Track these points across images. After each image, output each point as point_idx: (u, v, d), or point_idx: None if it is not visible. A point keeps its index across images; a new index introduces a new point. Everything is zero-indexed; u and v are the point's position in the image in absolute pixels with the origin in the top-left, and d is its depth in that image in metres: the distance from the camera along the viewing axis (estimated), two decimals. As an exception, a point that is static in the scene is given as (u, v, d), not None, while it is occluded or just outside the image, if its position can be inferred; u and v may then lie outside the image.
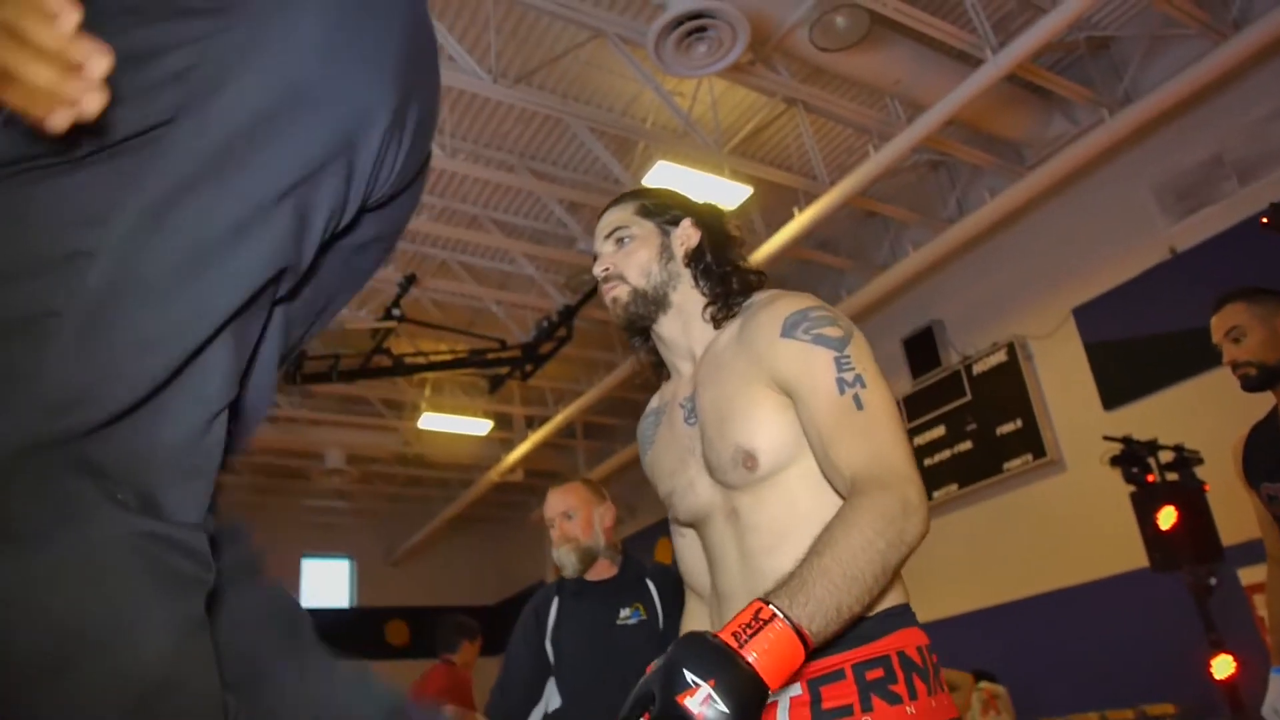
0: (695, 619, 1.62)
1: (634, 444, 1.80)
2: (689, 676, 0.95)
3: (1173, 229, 6.27)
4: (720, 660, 0.98)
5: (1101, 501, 5.96)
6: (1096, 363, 6.61)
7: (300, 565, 13.94)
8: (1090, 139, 6.02)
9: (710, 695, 0.94)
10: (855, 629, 1.24)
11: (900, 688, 1.24)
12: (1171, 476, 4.85)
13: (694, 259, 1.55)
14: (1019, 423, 7.04)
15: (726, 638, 1.01)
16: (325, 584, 14.44)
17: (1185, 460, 4.87)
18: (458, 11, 5.87)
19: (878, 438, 1.28)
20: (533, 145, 7.19)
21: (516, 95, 6.04)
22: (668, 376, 1.65)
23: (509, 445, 10.97)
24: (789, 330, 1.38)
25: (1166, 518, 4.59)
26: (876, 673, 1.24)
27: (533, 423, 10.73)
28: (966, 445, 7.44)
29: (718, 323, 1.52)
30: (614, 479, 10.10)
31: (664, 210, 1.59)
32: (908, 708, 1.22)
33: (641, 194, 1.63)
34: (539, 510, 4.58)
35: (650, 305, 1.54)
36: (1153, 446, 4.92)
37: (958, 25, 5.58)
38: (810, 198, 6.86)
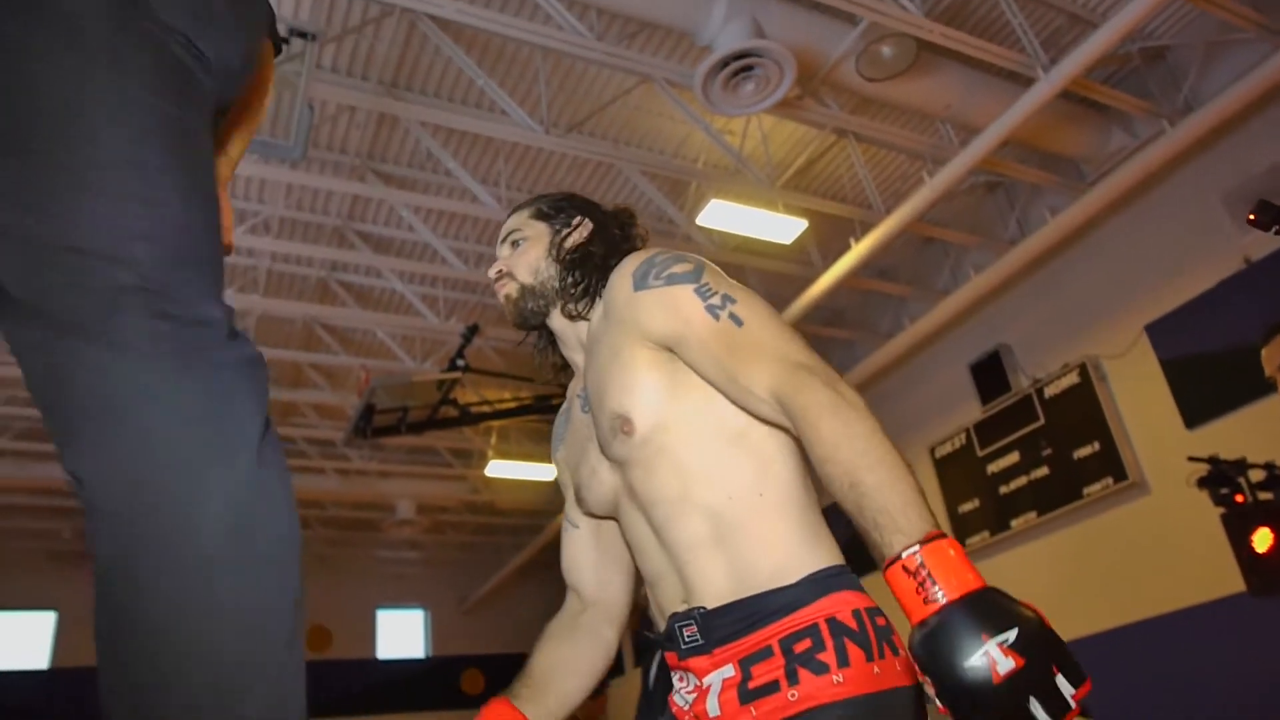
0: (564, 619, 1.63)
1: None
2: (973, 663, 0.88)
3: (1245, 237, 6.06)
4: (957, 621, 0.90)
5: (1189, 525, 5.73)
6: (1174, 380, 6.39)
7: (375, 617, 14.10)
8: (1152, 151, 5.89)
9: (998, 643, 0.88)
10: (783, 597, 1.20)
11: (828, 655, 1.15)
12: (1264, 496, 4.65)
13: (575, 252, 1.54)
14: (1096, 445, 6.82)
15: (927, 609, 0.93)
16: (400, 635, 14.55)
17: (1277, 479, 4.67)
18: (508, 66, 6.02)
19: (770, 344, 1.23)
20: (586, 191, 7.27)
21: (568, 144, 6.15)
22: (571, 376, 1.64)
23: (576, 489, 10.97)
24: (640, 282, 1.35)
25: (1262, 540, 4.39)
26: (804, 644, 1.17)
27: (598, 466, 10.72)
28: (1043, 471, 7.24)
29: (573, 316, 1.52)
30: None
31: (558, 211, 1.59)
32: (834, 675, 1.14)
33: (540, 199, 1.63)
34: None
35: (538, 299, 1.54)
36: (1241, 466, 4.73)
37: (1006, 45, 5.53)
38: (866, 227, 6.82)
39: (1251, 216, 2.84)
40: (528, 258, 1.55)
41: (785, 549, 1.25)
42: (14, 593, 12.63)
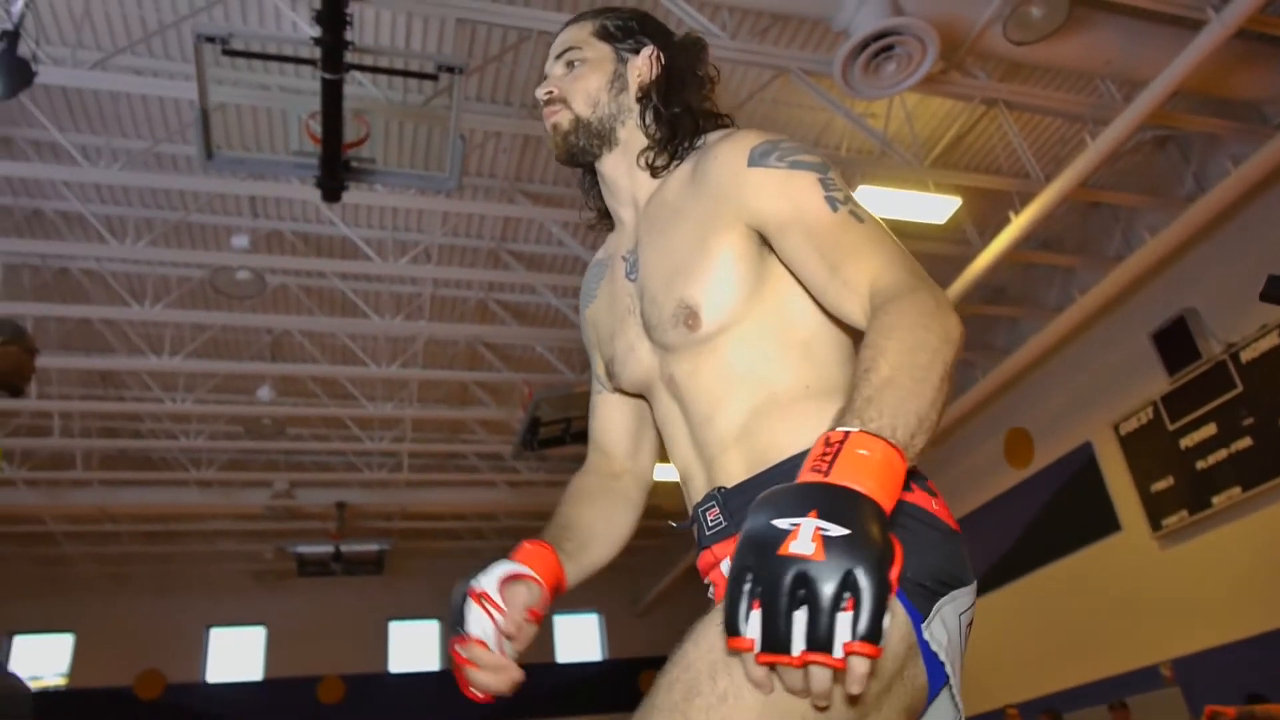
0: (597, 480, 1.46)
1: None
2: (781, 524, 0.78)
3: None
4: (810, 492, 0.81)
5: None
6: (1396, 332, 5.79)
7: (553, 622, 14.51)
8: (1349, 84, 5.36)
9: (818, 526, 0.76)
10: (797, 462, 1.02)
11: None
12: None
13: (647, 94, 1.36)
14: (1307, 410, 6.26)
15: (805, 476, 0.84)
16: (577, 638, 14.94)
17: None
18: (644, 76, 6.09)
19: (887, 247, 1.10)
20: (729, 191, 7.26)
21: (709, 145, 6.15)
22: (612, 227, 1.46)
23: (739, 489, 10.98)
24: (759, 159, 1.19)
25: None
26: None
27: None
28: (1245, 442, 6.68)
29: (655, 171, 1.34)
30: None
31: (625, 34, 1.38)
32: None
33: (605, 13, 1.41)
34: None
35: (593, 138, 1.36)
36: None
37: (1170, -10, 5.16)
38: (1026, 198, 6.50)
39: (1262, 295, 2.57)
40: (587, 85, 1.35)
41: (808, 421, 1.13)
42: (227, 611, 13.73)
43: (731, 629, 0.77)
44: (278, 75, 5.49)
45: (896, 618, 0.97)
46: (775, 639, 0.75)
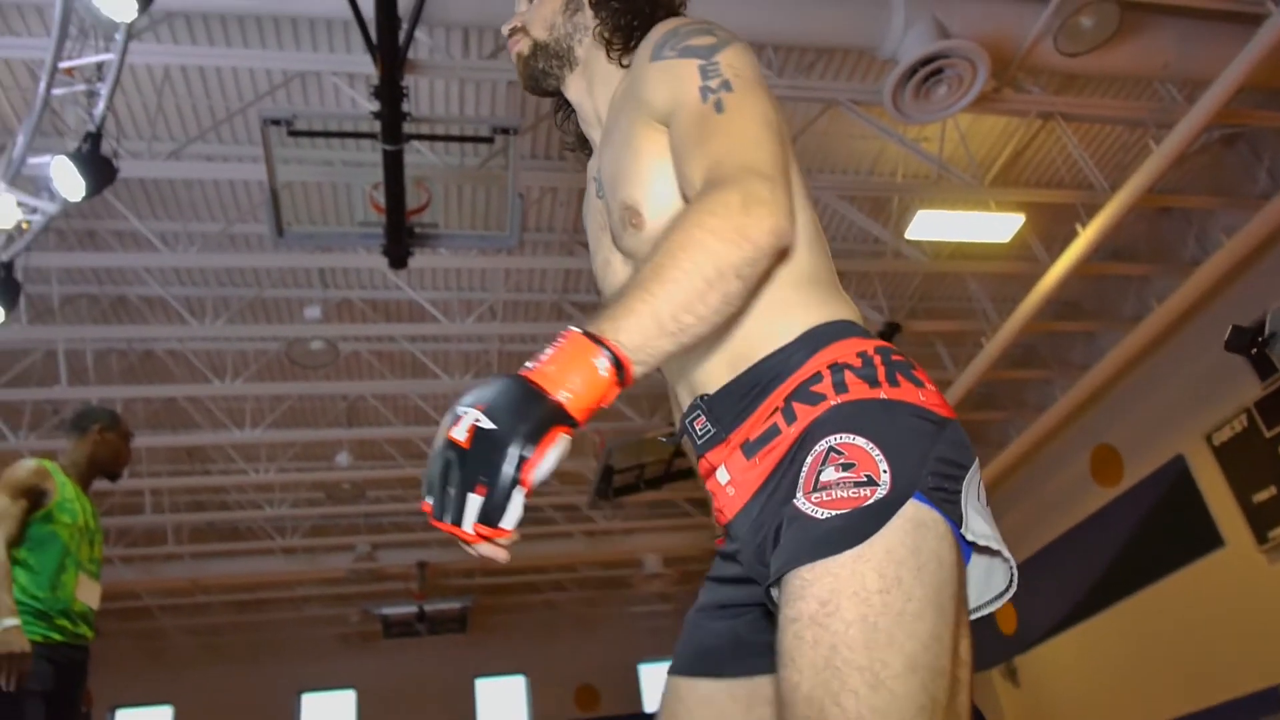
0: None
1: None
2: (458, 410, 0.87)
3: None
4: (495, 385, 0.88)
5: None
6: None
7: (638, 671, 14.35)
8: None
9: (476, 419, 0.84)
10: (779, 357, 1.08)
11: (824, 386, 1.04)
12: None
13: (603, 3, 1.34)
14: None
15: (523, 369, 0.91)
16: (658, 687, 14.72)
17: None
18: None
19: (734, 136, 1.05)
20: (786, 226, 7.25)
21: (763, 182, 6.17)
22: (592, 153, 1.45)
23: (817, 525, 10.80)
24: (658, 52, 1.19)
25: None
26: (805, 389, 1.05)
27: (837, 498, 10.51)
28: (1351, 445, 6.37)
29: (620, 61, 1.32)
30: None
31: None
32: (832, 400, 1.02)
33: None
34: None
35: (551, 60, 1.37)
36: None
37: (1224, -13, 5.05)
38: (1092, 209, 6.36)
39: (1226, 344, 2.49)
40: (543, 10, 1.38)
41: (783, 314, 1.11)
42: (317, 676, 13.89)
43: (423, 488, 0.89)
44: (339, 150, 5.66)
45: (910, 522, 0.94)
46: (437, 510, 0.86)
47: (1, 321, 4.68)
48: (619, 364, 0.91)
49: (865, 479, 0.95)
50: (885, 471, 0.95)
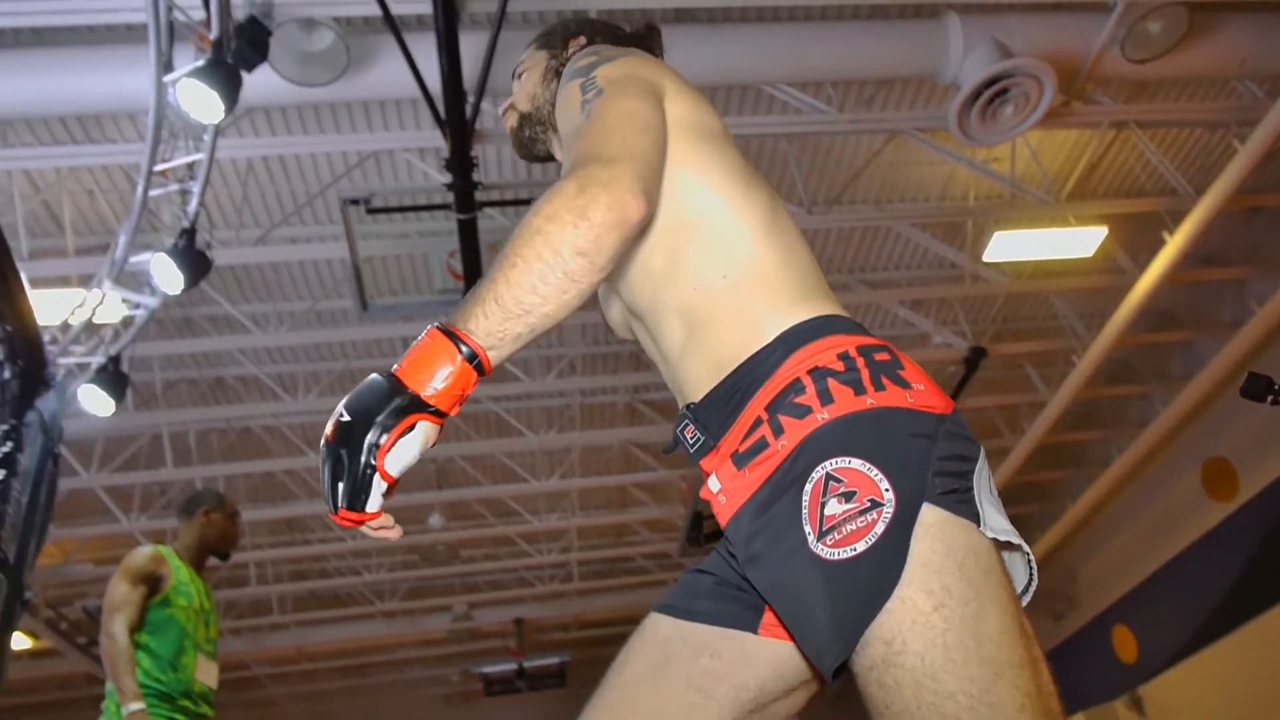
0: None
1: (1082, 498, 1.58)
2: (337, 409, 0.95)
3: None
4: (361, 384, 0.96)
5: None
6: None
7: None
8: None
9: (339, 415, 0.94)
10: (756, 361, 1.09)
11: (808, 398, 1.02)
12: None
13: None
14: None
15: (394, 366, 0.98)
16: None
17: None
18: (757, 156, 6.18)
19: (590, 134, 1.10)
20: (859, 259, 7.20)
21: (832, 219, 6.15)
22: None
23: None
24: (562, 85, 1.29)
25: None
26: (788, 399, 1.04)
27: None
28: None
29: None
30: (1061, 546, 9.24)
31: (559, 37, 1.50)
32: (819, 414, 1.00)
33: (544, 29, 1.56)
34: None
35: (535, 126, 1.47)
36: None
37: (1299, -22, 4.89)
38: (1178, 215, 6.14)
39: (1242, 390, 2.40)
40: (526, 86, 1.50)
41: (754, 318, 1.12)
42: (422, 738, 14.00)
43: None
44: (415, 222, 5.85)
45: (932, 528, 0.94)
46: (327, 504, 0.95)
47: (112, 412, 4.92)
48: (475, 352, 0.95)
49: (869, 504, 0.94)
50: (888, 490, 0.95)
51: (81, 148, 5.19)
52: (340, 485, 0.93)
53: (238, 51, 3.93)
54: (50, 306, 4.86)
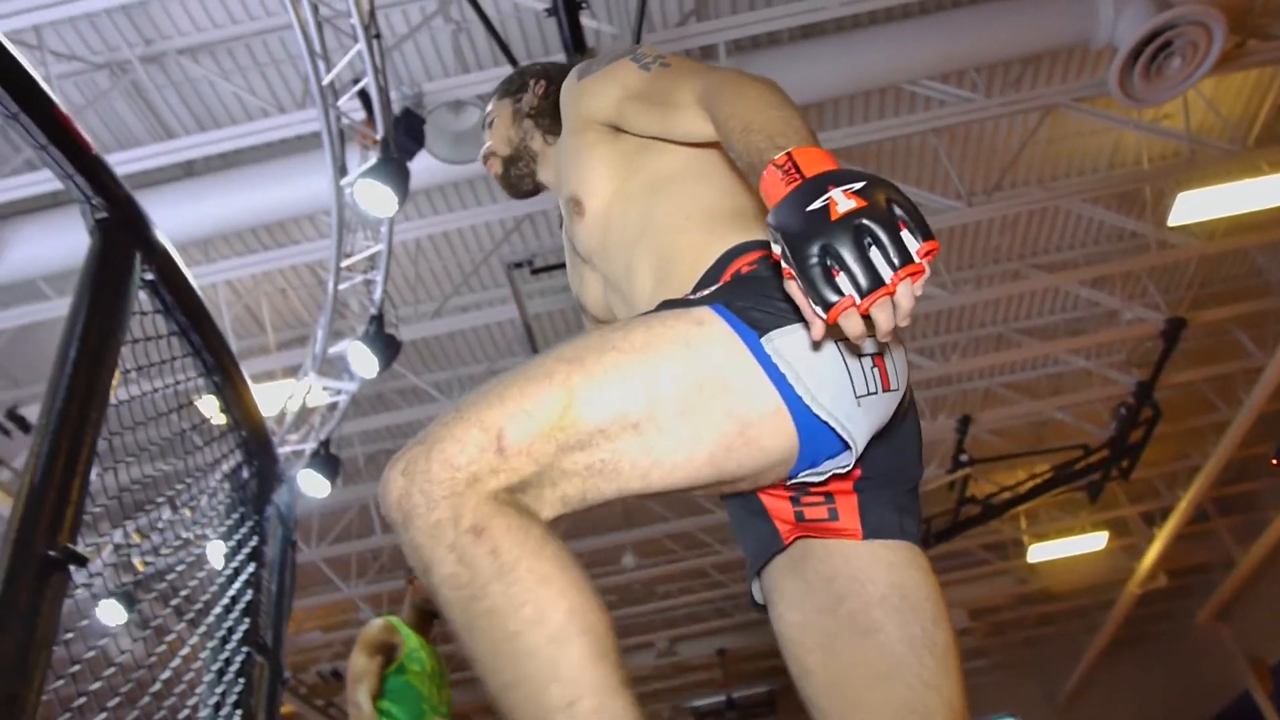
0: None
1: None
2: (814, 207, 0.87)
3: None
4: (809, 183, 0.90)
5: None
6: None
7: (964, 735, 13.42)
8: None
9: (843, 189, 0.87)
10: (707, 278, 1.18)
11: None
12: None
13: (539, 109, 1.60)
14: None
15: (786, 189, 0.91)
16: (997, 751, 13.68)
17: None
18: (904, 159, 6.03)
19: (699, 69, 1.26)
20: (1030, 244, 6.86)
21: (995, 207, 5.91)
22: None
23: (1136, 552, 9.79)
24: (582, 75, 1.41)
25: None
26: None
27: (1154, 518, 9.51)
28: None
29: (548, 142, 1.58)
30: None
31: (518, 84, 1.65)
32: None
33: (502, 81, 1.69)
34: (1202, 614, 3.94)
35: (518, 163, 1.60)
36: None
37: None
38: (1391, 144, 5.54)
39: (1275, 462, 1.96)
40: (499, 132, 1.62)
41: (704, 247, 1.22)
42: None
43: (826, 303, 0.85)
44: (576, 274, 6.05)
45: (688, 314, 1.04)
46: (874, 279, 0.84)
47: (329, 493, 5.28)
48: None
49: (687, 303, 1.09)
50: (706, 296, 1.08)
51: (271, 253, 5.66)
52: (904, 235, 0.86)
53: (398, 142, 4.20)
54: (263, 401, 5.30)
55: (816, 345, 1.00)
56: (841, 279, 0.84)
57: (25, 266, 5.01)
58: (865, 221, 0.84)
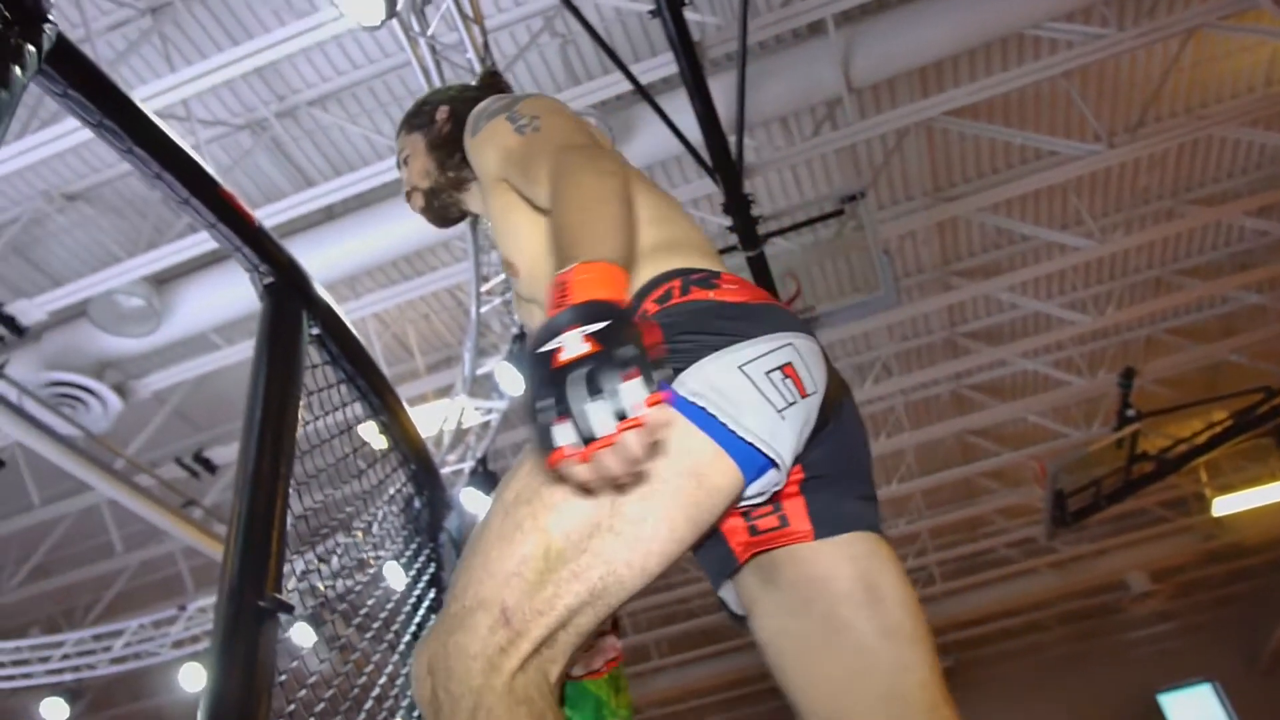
0: None
1: None
2: (545, 350, 0.89)
3: None
4: (560, 316, 0.91)
5: None
6: None
7: (1158, 704, 12.72)
8: None
9: (581, 334, 0.88)
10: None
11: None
12: None
13: (450, 136, 1.62)
14: None
15: (549, 312, 0.94)
16: (1195, 716, 12.86)
17: None
18: (1035, 109, 5.75)
19: (555, 137, 1.29)
20: (1182, 179, 6.42)
21: (1139, 146, 5.55)
22: None
23: (1337, 494, 9.03)
24: (473, 131, 1.44)
25: None
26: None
27: (1353, 458, 8.74)
28: None
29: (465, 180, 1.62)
30: None
31: (423, 115, 1.66)
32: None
33: (405, 115, 1.70)
34: None
35: (442, 193, 1.62)
36: None
37: None
38: None
39: None
40: (416, 167, 1.64)
41: (635, 277, 1.23)
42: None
43: (548, 448, 0.86)
44: (704, 268, 6.05)
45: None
46: (589, 432, 0.84)
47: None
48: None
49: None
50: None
51: (412, 282, 5.90)
52: (628, 385, 0.88)
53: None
54: (420, 423, 5.53)
55: (723, 373, 1.05)
56: (562, 427, 0.85)
57: (195, 322, 5.40)
58: (588, 370, 0.85)
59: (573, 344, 0.88)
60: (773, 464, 1.05)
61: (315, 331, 1.89)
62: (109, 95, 1.47)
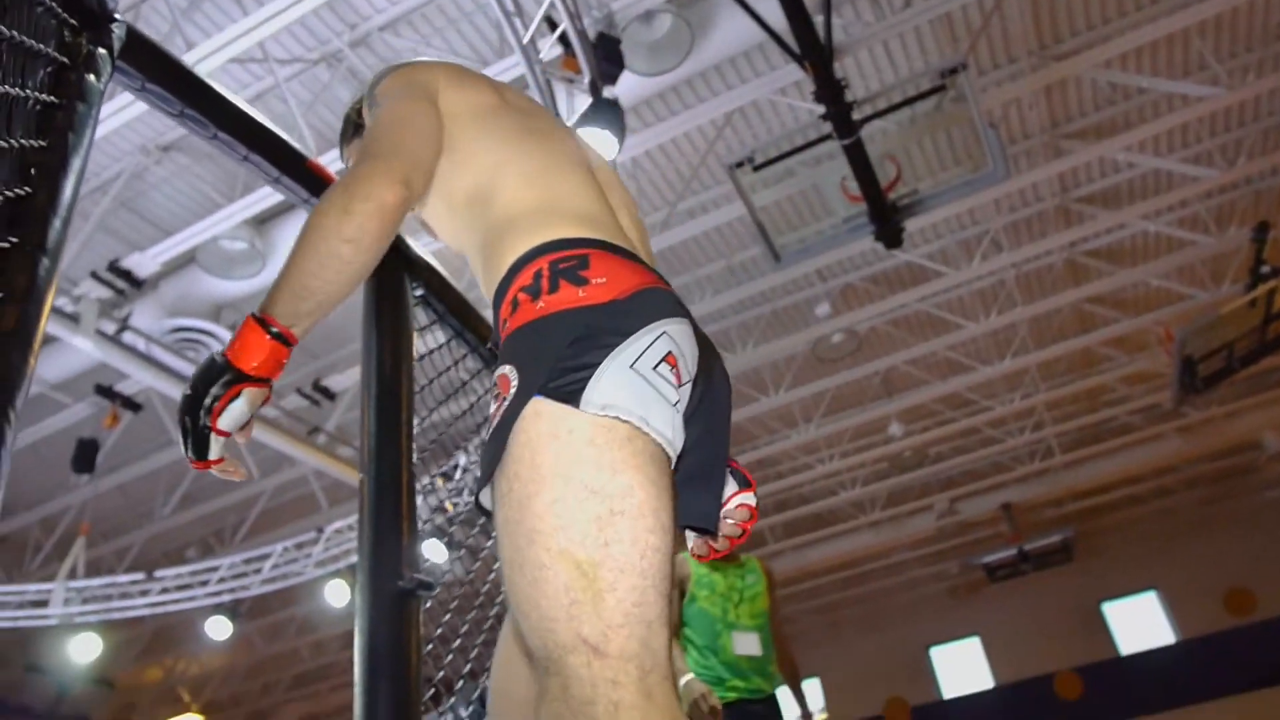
0: None
1: None
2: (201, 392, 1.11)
3: None
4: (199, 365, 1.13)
5: None
6: None
7: (1102, 614, 12.53)
8: None
9: (185, 390, 1.11)
10: (500, 294, 1.21)
11: (507, 313, 1.17)
12: None
13: None
14: None
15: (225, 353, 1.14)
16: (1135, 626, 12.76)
17: None
18: (1167, 56, 5.24)
19: (366, 138, 1.28)
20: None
21: (1263, 83, 5.06)
22: None
23: None
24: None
25: None
26: (504, 315, 1.19)
27: None
28: None
29: None
30: None
31: (347, 126, 1.64)
32: (506, 331, 1.16)
33: (340, 133, 1.67)
34: None
35: None
36: None
37: None
38: None
39: None
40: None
41: (501, 256, 1.23)
42: (936, 630, 14.21)
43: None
44: (798, 155, 5.81)
45: (529, 419, 1.04)
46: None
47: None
48: (280, 332, 1.12)
49: (501, 400, 1.08)
50: (514, 385, 1.07)
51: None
52: (188, 441, 1.11)
53: (600, 70, 4.15)
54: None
55: (619, 375, 1.05)
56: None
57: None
58: (178, 417, 1.13)
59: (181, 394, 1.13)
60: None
61: (419, 293, 1.89)
62: (187, 84, 1.45)
